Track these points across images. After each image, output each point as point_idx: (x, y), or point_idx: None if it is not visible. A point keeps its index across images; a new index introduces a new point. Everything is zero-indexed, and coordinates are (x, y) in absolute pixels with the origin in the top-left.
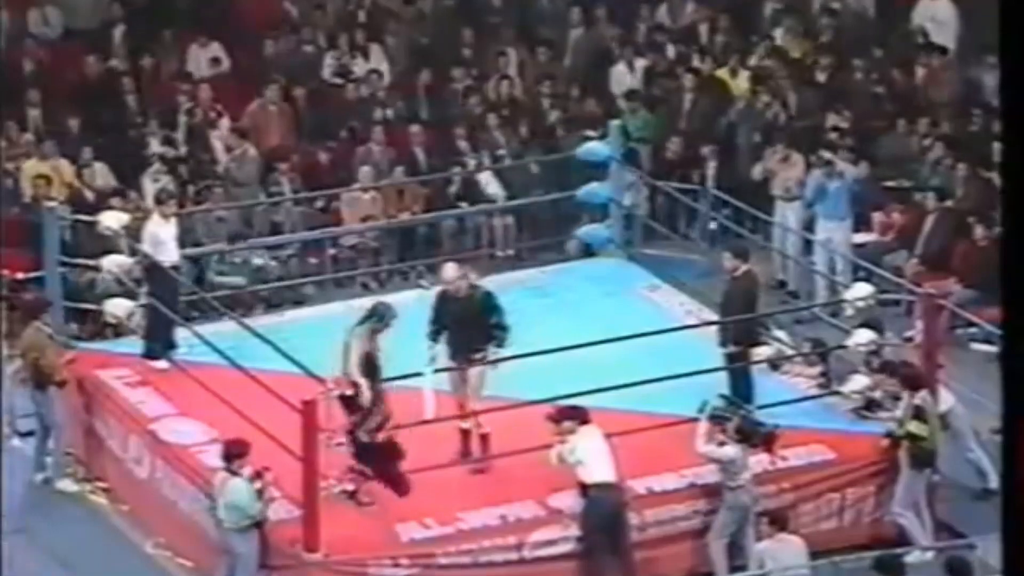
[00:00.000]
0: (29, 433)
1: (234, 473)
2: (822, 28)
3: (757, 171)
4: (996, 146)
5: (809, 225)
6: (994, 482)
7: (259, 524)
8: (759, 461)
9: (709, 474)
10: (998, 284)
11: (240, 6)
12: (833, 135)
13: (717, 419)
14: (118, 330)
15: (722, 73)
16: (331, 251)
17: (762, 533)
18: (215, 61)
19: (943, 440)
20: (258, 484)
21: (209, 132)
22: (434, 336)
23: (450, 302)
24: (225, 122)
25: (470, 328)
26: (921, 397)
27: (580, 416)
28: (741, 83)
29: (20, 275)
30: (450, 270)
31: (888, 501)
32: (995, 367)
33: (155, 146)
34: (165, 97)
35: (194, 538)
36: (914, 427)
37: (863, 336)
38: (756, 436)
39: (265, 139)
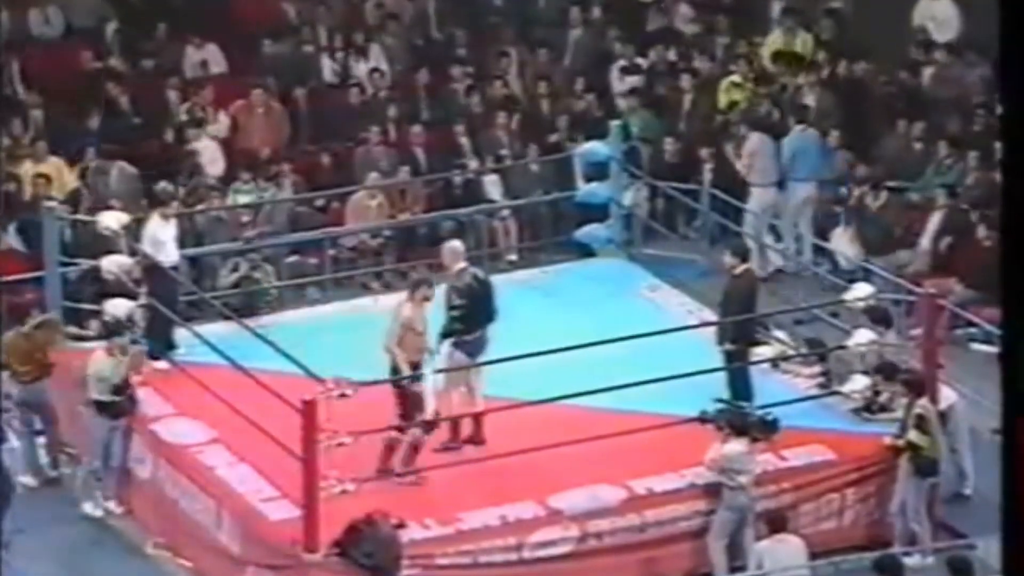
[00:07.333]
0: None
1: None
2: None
3: None
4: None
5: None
6: (970, 489)
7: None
8: (763, 461)
9: (709, 474)
10: (998, 284)
11: (238, 6)
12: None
13: (712, 421)
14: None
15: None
16: (331, 251)
17: (761, 533)
18: (209, 62)
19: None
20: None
21: (199, 133)
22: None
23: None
24: (213, 123)
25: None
26: (923, 405)
27: None
28: (738, 92)
29: (12, 277)
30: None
31: (888, 502)
32: (995, 367)
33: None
34: (161, 97)
35: (194, 538)
36: (914, 437)
37: (863, 336)
38: (753, 426)
39: (247, 140)
